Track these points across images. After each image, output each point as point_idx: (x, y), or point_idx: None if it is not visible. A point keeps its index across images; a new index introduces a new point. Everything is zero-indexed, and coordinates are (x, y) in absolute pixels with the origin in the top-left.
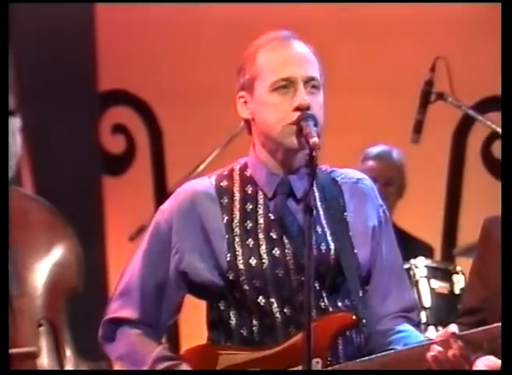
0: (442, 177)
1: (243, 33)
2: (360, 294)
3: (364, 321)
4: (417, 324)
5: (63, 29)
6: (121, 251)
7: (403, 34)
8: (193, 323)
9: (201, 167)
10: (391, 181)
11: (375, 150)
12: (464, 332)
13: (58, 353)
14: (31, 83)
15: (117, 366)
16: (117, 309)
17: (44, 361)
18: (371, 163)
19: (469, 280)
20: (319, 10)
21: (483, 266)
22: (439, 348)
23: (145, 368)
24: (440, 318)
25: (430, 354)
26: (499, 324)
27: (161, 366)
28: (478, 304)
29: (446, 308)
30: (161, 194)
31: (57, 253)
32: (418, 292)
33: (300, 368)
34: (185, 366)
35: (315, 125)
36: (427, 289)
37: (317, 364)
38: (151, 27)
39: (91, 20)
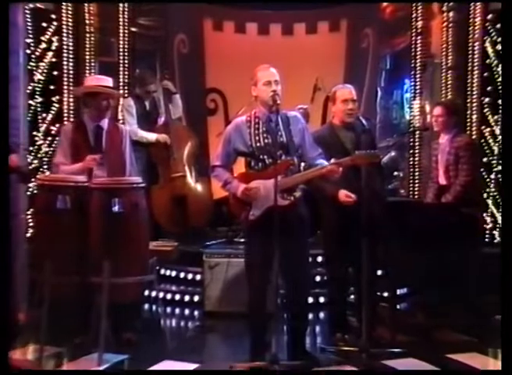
0: (319, 116)
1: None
2: (297, 153)
3: (296, 163)
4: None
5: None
6: (213, 139)
7: (306, 60)
8: (238, 166)
9: (239, 113)
10: (306, 117)
11: (300, 106)
12: (336, 161)
13: (189, 162)
14: (179, 76)
15: (214, 180)
16: (214, 161)
17: (188, 174)
18: (301, 110)
19: None
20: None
21: None
22: (329, 167)
23: (223, 179)
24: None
25: (324, 170)
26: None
27: (230, 179)
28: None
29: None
30: (227, 122)
31: (190, 143)
32: None
33: (270, 181)
34: (236, 180)
35: (278, 96)
36: None
37: (279, 177)
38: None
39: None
